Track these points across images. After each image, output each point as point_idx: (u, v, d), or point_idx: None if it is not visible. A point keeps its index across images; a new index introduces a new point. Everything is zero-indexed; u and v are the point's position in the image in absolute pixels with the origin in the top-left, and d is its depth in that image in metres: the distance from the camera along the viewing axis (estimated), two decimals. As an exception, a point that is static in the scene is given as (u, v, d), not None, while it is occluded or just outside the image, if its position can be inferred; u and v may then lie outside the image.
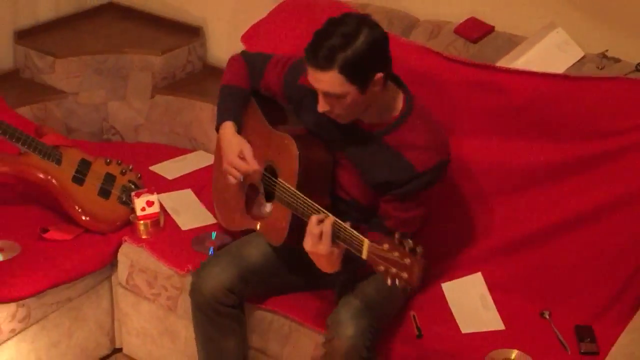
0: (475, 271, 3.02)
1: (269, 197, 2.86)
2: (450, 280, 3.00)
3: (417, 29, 3.33)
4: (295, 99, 2.78)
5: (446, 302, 2.93)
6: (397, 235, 2.28)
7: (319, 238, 2.47)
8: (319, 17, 2.64)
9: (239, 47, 3.49)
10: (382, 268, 2.29)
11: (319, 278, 2.82)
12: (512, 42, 3.16)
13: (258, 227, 2.89)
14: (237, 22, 3.79)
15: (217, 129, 2.94)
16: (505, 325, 2.85)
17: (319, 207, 2.53)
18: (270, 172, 2.83)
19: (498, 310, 2.90)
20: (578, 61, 3.05)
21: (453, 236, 3.08)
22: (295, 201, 2.63)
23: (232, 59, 3.05)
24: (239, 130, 2.92)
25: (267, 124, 2.90)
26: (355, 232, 2.40)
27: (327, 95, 2.51)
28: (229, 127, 2.90)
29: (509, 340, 2.77)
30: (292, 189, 2.65)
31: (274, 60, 2.93)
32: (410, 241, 2.25)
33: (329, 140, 2.73)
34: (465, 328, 2.83)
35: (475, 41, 3.22)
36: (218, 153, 3.12)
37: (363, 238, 2.36)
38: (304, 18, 3.32)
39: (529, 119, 2.95)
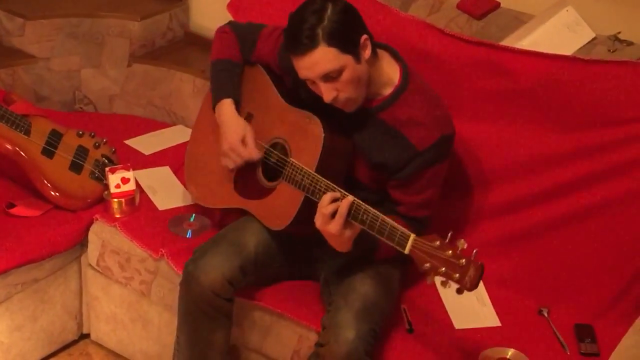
0: None
1: (270, 177, 2.83)
2: None
3: (416, 3, 3.32)
4: (292, 73, 2.74)
5: (439, 296, 2.93)
6: (450, 235, 2.29)
7: (330, 217, 2.47)
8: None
9: (224, 14, 3.50)
10: (427, 266, 2.30)
11: (308, 268, 2.92)
12: (519, 20, 3.16)
13: (251, 209, 2.87)
14: None
15: (214, 107, 2.93)
16: (501, 322, 2.86)
17: (340, 189, 2.52)
18: (277, 149, 2.82)
19: (494, 306, 2.91)
20: (588, 43, 3.05)
21: (446, 228, 2.91)
22: (313, 184, 2.60)
23: (220, 31, 3.05)
24: (238, 105, 2.92)
25: (280, 97, 2.87)
26: (395, 223, 2.39)
27: (327, 78, 2.52)
28: (228, 105, 2.90)
29: (505, 338, 2.78)
30: (311, 171, 2.63)
31: (267, 31, 2.94)
32: (464, 241, 2.28)
33: (330, 118, 2.71)
34: (459, 324, 2.84)
35: (479, 18, 3.21)
36: (202, 124, 3.12)
37: (408, 232, 2.36)
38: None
39: (533, 103, 2.95)
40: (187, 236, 3.10)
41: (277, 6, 3.32)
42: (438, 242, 2.29)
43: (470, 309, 2.90)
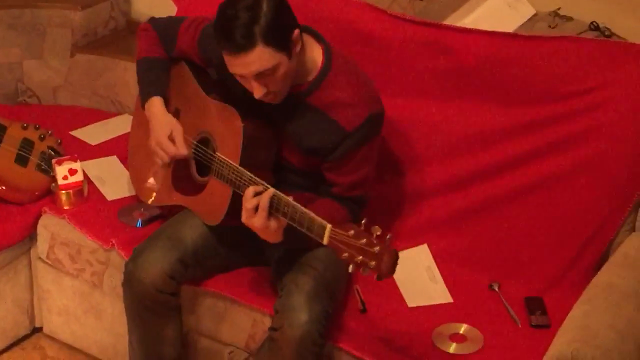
0: (420, 242, 3.07)
1: (203, 172, 2.84)
2: None
3: None
4: (216, 63, 2.76)
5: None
6: (364, 222, 2.25)
7: (254, 211, 2.47)
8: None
9: (166, 1, 3.52)
10: (345, 255, 2.27)
11: (258, 255, 2.91)
12: None
13: (188, 204, 2.88)
14: None
15: (143, 106, 2.92)
16: (453, 299, 2.89)
17: (262, 181, 2.52)
18: (206, 144, 2.82)
19: (445, 283, 2.95)
20: (529, 20, 3.09)
21: (395, 206, 3.12)
22: (238, 178, 2.60)
23: (141, 30, 3.03)
24: (166, 102, 2.92)
25: (202, 91, 2.88)
26: (313, 214, 2.36)
27: (260, 75, 2.49)
28: (157, 103, 2.90)
29: (458, 314, 2.82)
30: (234, 164, 2.63)
31: (186, 24, 2.91)
32: (378, 227, 2.23)
33: (257, 106, 2.69)
34: (412, 302, 2.87)
35: None
36: (136, 122, 3.15)
37: (325, 223, 2.32)
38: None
39: (477, 81, 2.99)
40: (137, 225, 3.11)
41: None
42: (352, 231, 2.25)
43: (423, 286, 2.93)
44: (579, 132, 2.87)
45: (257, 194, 2.48)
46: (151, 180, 3.03)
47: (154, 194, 3.02)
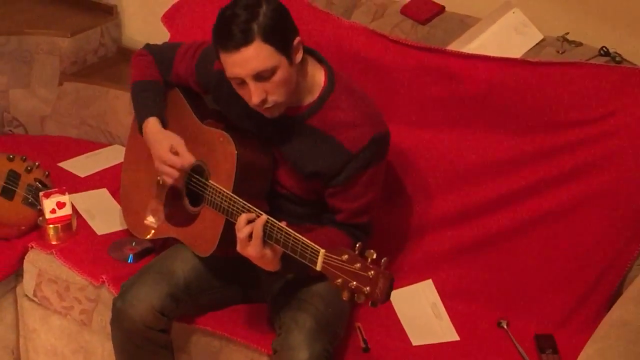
0: (425, 277, 3.06)
1: (195, 202, 2.83)
2: (398, 287, 3.00)
3: (359, 9, 3.35)
4: (213, 87, 2.77)
5: (394, 312, 2.96)
6: (358, 245, 2.26)
7: (248, 239, 2.47)
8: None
9: (158, 28, 3.54)
10: (339, 281, 2.27)
11: (254, 289, 2.91)
12: (465, 24, 3.19)
13: (180, 236, 2.87)
14: (155, 0, 3.79)
15: (140, 130, 2.92)
16: (459, 336, 2.88)
17: (255, 209, 2.52)
18: (199, 173, 2.81)
19: (451, 320, 2.94)
20: (536, 45, 3.08)
21: (398, 239, 3.10)
22: (231, 206, 2.60)
23: (137, 55, 3.05)
24: (164, 124, 2.91)
25: (195, 118, 2.88)
26: (306, 240, 2.37)
27: (258, 77, 2.49)
28: (153, 123, 2.89)
29: (464, 353, 2.80)
30: (227, 191, 2.63)
31: (183, 48, 2.93)
32: (373, 252, 2.23)
33: (255, 131, 2.72)
34: (416, 340, 2.85)
35: (424, 22, 3.24)
36: (131, 153, 3.14)
37: (318, 247, 2.33)
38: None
39: (481, 109, 2.99)
40: (129, 261, 3.09)
41: (211, 16, 3.15)
42: (346, 256, 2.26)
43: (427, 323, 2.91)
44: (590, 161, 2.87)
45: (250, 221, 2.47)
46: (150, 218, 3.01)
47: (153, 231, 3.01)
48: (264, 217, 2.46)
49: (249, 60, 2.47)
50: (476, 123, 3.00)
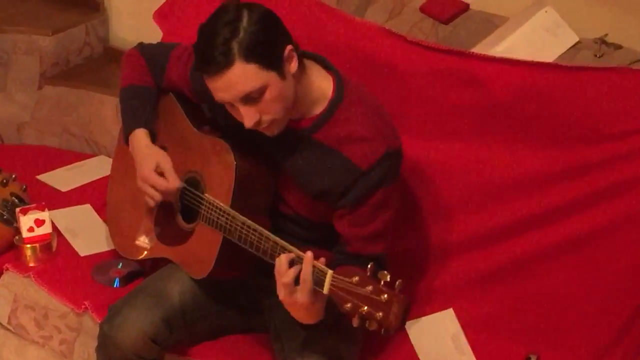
0: (445, 307, 3.01)
1: (189, 218, 2.78)
2: (415, 317, 2.96)
3: (373, 6, 3.33)
4: (208, 97, 2.69)
5: (410, 344, 2.91)
6: (370, 266, 2.21)
7: (294, 285, 2.38)
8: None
9: (149, 25, 3.48)
10: (349, 306, 2.21)
11: (255, 316, 2.85)
12: (491, 24, 3.16)
13: (173, 256, 2.83)
14: None
15: (127, 140, 2.88)
16: (483, 373, 2.86)
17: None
18: (194, 185, 2.76)
19: (474, 354, 2.90)
20: (572, 47, 3.04)
21: (416, 264, 3.05)
22: (229, 222, 2.56)
23: (128, 55, 3.02)
24: (153, 136, 2.88)
25: (191, 125, 2.84)
26: (315, 261, 2.34)
27: (247, 99, 2.43)
28: (140, 136, 2.84)
29: (489, 391, 2.80)
30: (225, 206, 2.59)
31: (177, 52, 2.89)
32: (387, 273, 2.17)
33: (255, 145, 2.68)
34: (435, 376, 2.82)
35: (446, 22, 3.22)
36: (119, 165, 3.08)
37: (325, 268, 2.30)
38: (230, -9, 3.34)
39: (511, 118, 2.91)
40: (115, 286, 3.05)
41: (208, 13, 3.22)
42: (357, 277, 2.21)
43: (448, 357, 2.89)
44: (630, 178, 2.78)
45: (292, 262, 2.40)
46: (143, 238, 2.96)
47: (145, 252, 2.96)
48: (310, 254, 2.37)
49: (232, 84, 2.42)
50: (502, 134, 2.94)
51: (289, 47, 2.46)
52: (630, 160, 2.77)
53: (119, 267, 3.10)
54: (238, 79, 2.39)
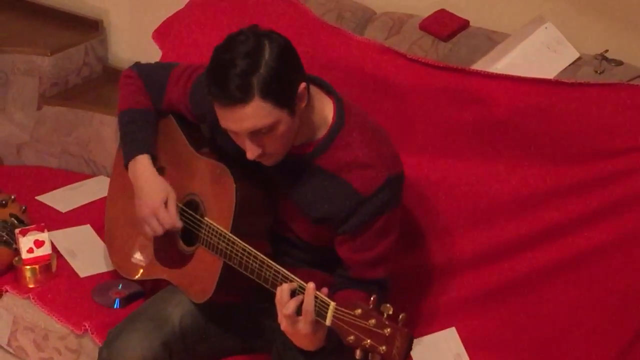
0: (447, 326, 3.01)
1: (189, 240, 2.78)
2: (416, 336, 2.90)
3: (373, 24, 3.33)
4: (209, 119, 2.72)
5: None
6: (373, 299, 2.21)
7: (296, 315, 2.38)
8: (249, 9, 2.75)
9: (149, 45, 3.55)
10: (352, 339, 2.21)
11: (256, 338, 2.85)
12: (492, 40, 3.17)
13: (172, 279, 2.83)
14: (145, 15, 3.87)
15: (127, 166, 2.87)
16: (487, 394, 2.85)
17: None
18: (194, 208, 2.76)
19: None
20: (572, 64, 3.05)
21: (419, 282, 3.05)
22: (229, 247, 2.56)
23: (125, 77, 2.99)
24: (154, 160, 2.87)
25: (190, 147, 2.84)
26: (317, 292, 2.34)
27: (255, 133, 2.43)
28: (144, 162, 2.83)
29: (494, 413, 2.78)
30: (224, 231, 2.59)
31: (176, 72, 2.87)
32: (390, 306, 2.17)
33: (256, 168, 2.65)
34: (438, 397, 2.82)
35: (446, 39, 3.22)
36: (116, 185, 3.09)
37: (328, 300, 2.30)
38: (230, 9, 3.34)
39: (512, 136, 2.93)
40: (115, 306, 3.06)
41: (208, 32, 3.32)
42: (360, 310, 2.21)
43: None
44: (634, 194, 2.79)
45: (294, 292, 2.40)
46: (137, 256, 2.97)
47: (141, 271, 2.97)
48: (312, 285, 2.37)
49: (244, 118, 2.40)
50: (503, 152, 2.96)
51: (303, 84, 2.45)
52: (633, 176, 2.78)
53: (119, 288, 3.09)
54: (251, 116, 2.38)
